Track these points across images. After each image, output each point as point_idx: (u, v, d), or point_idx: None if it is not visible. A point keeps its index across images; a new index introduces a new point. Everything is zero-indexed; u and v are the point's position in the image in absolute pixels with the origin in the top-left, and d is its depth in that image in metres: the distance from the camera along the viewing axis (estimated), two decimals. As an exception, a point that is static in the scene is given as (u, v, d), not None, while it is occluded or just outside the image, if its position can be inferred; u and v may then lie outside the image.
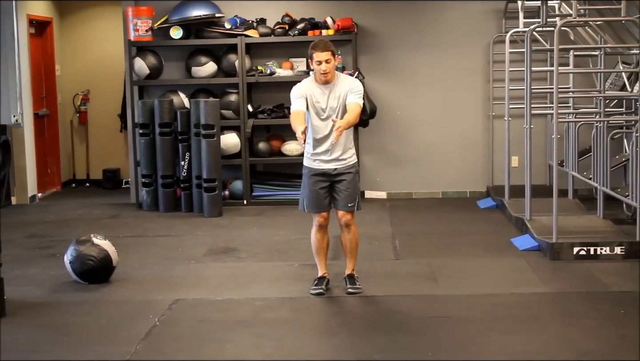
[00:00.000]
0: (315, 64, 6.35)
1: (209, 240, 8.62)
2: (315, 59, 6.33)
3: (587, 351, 5.25)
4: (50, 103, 12.28)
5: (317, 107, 6.40)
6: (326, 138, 6.41)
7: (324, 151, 6.45)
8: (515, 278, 7.02)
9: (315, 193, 6.51)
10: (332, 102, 6.39)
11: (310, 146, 6.50)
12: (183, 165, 10.24)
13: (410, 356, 5.21)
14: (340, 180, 6.49)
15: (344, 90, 6.41)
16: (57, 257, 7.70)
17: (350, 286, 6.56)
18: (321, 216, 6.56)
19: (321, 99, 6.40)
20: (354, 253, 6.67)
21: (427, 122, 10.97)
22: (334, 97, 6.39)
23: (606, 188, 8.27)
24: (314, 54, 6.34)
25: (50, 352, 5.42)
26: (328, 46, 6.36)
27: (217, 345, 5.50)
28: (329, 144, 6.39)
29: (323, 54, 6.31)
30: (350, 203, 6.51)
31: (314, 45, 6.39)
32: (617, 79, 9.41)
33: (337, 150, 6.44)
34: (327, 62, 6.32)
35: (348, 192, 6.49)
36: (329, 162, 6.46)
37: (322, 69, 6.32)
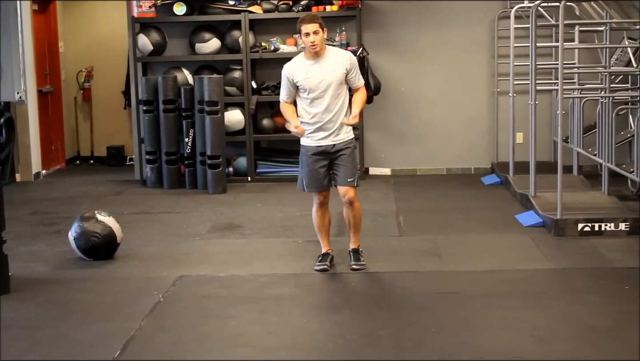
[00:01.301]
0: (304, 37, 6.29)
1: (213, 217, 8.62)
2: (304, 32, 6.27)
3: (591, 327, 5.25)
4: (53, 80, 12.26)
5: (309, 83, 6.33)
6: (323, 114, 6.36)
7: (321, 126, 6.39)
8: (519, 254, 7.02)
9: (314, 172, 6.46)
10: (326, 76, 6.32)
11: (307, 124, 6.44)
12: (187, 142, 10.23)
13: (414, 332, 5.21)
14: (339, 155, 6.44)
15: (338, 63, 6.36)
16: (62, 234, 7.72)
17: (355, 262, 6.55)
18: (321, 194, 6.53)
19: (313, 75, 6.33)
20: (358, 228, 6.64)
21: (431, 98, 10.94)
22: (327, 71, 6.33)
23: (611, 164, 8.25)
24: (302, 27, 6.27)
25: (55, 328, 5.43)
26: (315, 18, 6.30)
27: (221, 321, 5.51)
28: (326, 120, 6.36)
29: (310, 25, 6.24)
30: (350, 178, 6.45)
31: (301, 19, 6.34)
32: (623, 54, 9.37)
33: (334, 125, 6.38)
34: (315, 33, 6.24)
35: (347, 167, 6.44)
36: (327, 138, 6.41)
37: (311, 40, 6.25)
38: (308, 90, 6.35)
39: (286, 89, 6.48)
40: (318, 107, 6.36)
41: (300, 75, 6.35)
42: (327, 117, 6.35)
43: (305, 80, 6.34)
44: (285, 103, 6.53)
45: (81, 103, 13.02)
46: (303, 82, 6.35)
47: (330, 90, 6.33)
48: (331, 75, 6.34)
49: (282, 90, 6.53)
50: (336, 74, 6.35)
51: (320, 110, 6.36)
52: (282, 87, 6.51)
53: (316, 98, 6.35)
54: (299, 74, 6.36)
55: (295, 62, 6.47)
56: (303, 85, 6.35)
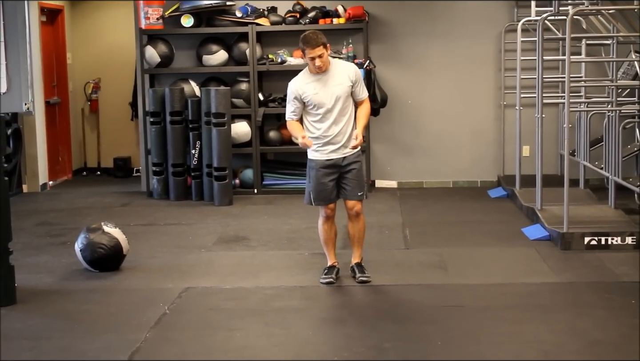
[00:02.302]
0: (309, 60, 6.27)
1: (219, 229, 8.63)
2: (308, 56, 6.24)
3: (597, 341, 5.24)
4: (61, 91, 12.30)
5: (318, 99, 6.31)
6: (331, 128, 6.34)
7: (330, 140, 6.37)
8: (525, 267, 7.01)
9: (323, 185, 6.44)
10: (334, 90, 6.32)
11: (316, 138, 6.41)
12: (194, 153, 10.25)
13: (420, 346, 5.20)
14: (349, 170, 6.44)
15: (344, 76, 6.36)
16: (68, 245, 7.73)
17: (361, 274, 6.52)
18: (328, 208, 6.52)
19: (321, 90, 6.31)
20: (361, 241, 6.65)
21: (438, 111, 10.94)
22: (334, 85, 6.33)
23: (618, 178, 8.24)
24: (306, 51, 6.23)
25: (61, 339, 5.44)
26: (318, 41, 6.22)
27: (226, 334, 5.51)
28: (335, 133, 6.34)
29: (315, 50, 6.21)
30: (359, 192, 6.48)
31: (305, 40, 6.24)
32: (630, 68, 9.37)
33: (343, 137, 6.37)
34: (320, 57, 6.23)
35: (357, 181, 6.46)
36: (337, 152, 6.40)
37: (317, 64, 6.24)
38: (317, 105, 6.32)
39: (293, 106, 6.43)
40: (326, 121, 6.34)
41: (309, 91, 6.32)
42: (336, 131, 6.35)
43: (314, 95, 6.31)
44: (289, 122, 6.49)
45: (88, 114, 13.06)
46: (312, 98, 6.31)
47: (338, 104, 6.32)
48: (338, 89, 6.33)
49: (289, 107, 6.46)
50: (343, 88, 6.34)
51: (328, 124, 6.34)
52: (289, 105, 6.45)
53: (325, 113, 6.33)
54: (307, 90, 6.33)
55: (301, 78, 6.42)
56: (312, 100, 6.32)
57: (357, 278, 6.52)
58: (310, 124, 6.42)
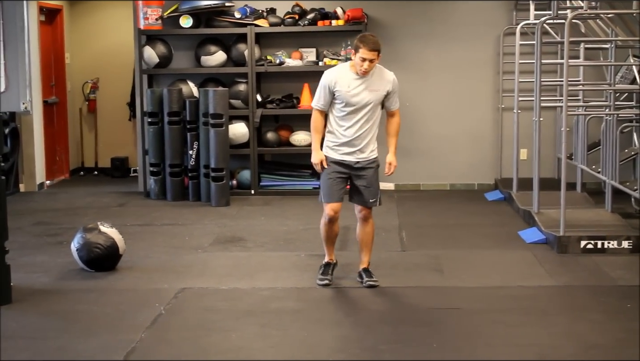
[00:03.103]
0: (359, 59, 6.12)
1: (216, 229, 8.62)
2: (361, 56, 6.10)
3: (593, 345, 5.24)
4: (59, 91, 12.30)
5: (349, 97, 6.21)
6: (353, 129, 6.27)
7: (348, 142, 6.30)
8: (522, 270, 7.01)
9: (332, 181, 6.35)
10: (369, 95, 6.23)
11: (334, 135, 6.36)
12: (191, 154, 10.24)
13: (416, 348, 5.20)
14: (362, 175, 6.37)
15: (384, 84, 6.28)
16: (64, 245, 7.71)
17: (369, 278, 6.47)
18: (332, 209, 6.37)
19: (356, 90, 6.21)
20: (370, 246, 6.58)
21: (436, 114, 10.95)
22: (372, 90, 6.24)
23: (615, 182, 8.24)
24: (361, 50, 6.09)
25: (56, 339, 5.43)
26: (377, 46, 6.12)
27: (222, 334, 5.50)
28: (355, 134, 6.27)
29: (370, 53, 6.08)
30: (372, 199, 6.42)
31: (364, 40, 6.13)
32: (628, 72, 9.38)
33: (361, 142, 6.31)
34: (371, 61, 6.13)
35: (371, 189, 6.40)
36: (352, 154, 6.33)
37: (365, 67, 6.13)
38: (346, 103, 6.23)
39: (323, 96, 6.31)
40: (350, 121, 6.26)
41: (343, 86, 6.22)
42: (357, 134, 6.28)
43: (347, 93, 6.21)
44: (318, 112, 6.36)
45: (86, 114, 13.05)
46: (344, 95, 6.22)
47: (367, 108, 6.25)
48: (373, 95, 6.25)
49: (318, 97, 6.35)
50: (378, 95, 6.27)
51: (350, 124, 6.27)
52: (319, 94, 6.34)
53: (351, 113, 6.25)
54: (341, 85, 6.22)
55: (339, 71, 6.32)
56: (342, 97, 6.22)
57: (365, 282, 6.47)
58: (334, 119, 6.33)
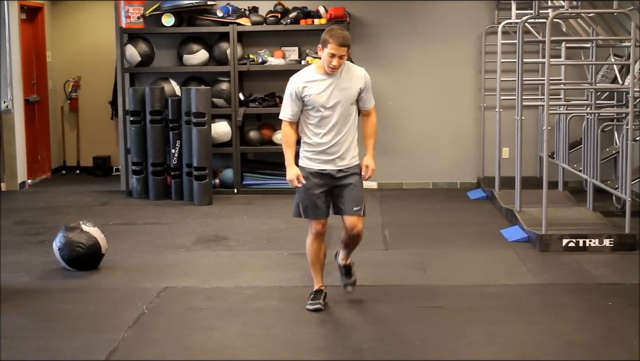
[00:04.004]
0: (327, 55, 5.60)
1: (198, 228, 8.61)
2: (329, 51, 5.58)
3: (575, 343, 5.26)
4: (40, 89, 12.24)
5: (319, 101, 5.69)
6: (329, 135, 5.75)
7: (326, 150, 5.79)
8: (504, 269, 7.04)
9: (313, 196, 5.80)
10: (340, 95, 5.72)
11: (310, 145, 5.83)
12: (174, 153, 10.22)
13: (398, 346, 5.21)
14: (344, 183, 5.83)
15: (355, 81, 5.77)
16: (46, 244, 7.68)
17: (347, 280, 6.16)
18: (319, 223, 5.87)
19: (325, 91, 5.70)
20: (354, 249, 6.11)
21: (418, 112, 10.96)
22: (342, 88, 5.72)
23: (596, 180, 8.29)
24: (330, 45, 5.57)
25: (38, 339, 5.41)
26: (347, 41, 5.60)
27: (205, 333, 5.50)
28: (332, 140, 5.76)
29: (340, 48, 5.57)
30: (355, 206, 5.84)
31: (333, 34, 5.59)
32: (609, 71, 9.42)
33: (340, 148, 5.81)
34: (340, 57, 5.61)
35: (353, 193, 5.84)
36: (332, 162, 5.80)
37: (334, 63, 5.61)
38: (317, 107, 5.71)
39: (291, 105, 5.77)
40: (325, 127, 5.75)
41: (312, 89, 5.70)
42: (334, 140, 5.77)
43: (317, 96, 5.69)
44: (288, 124, 5.81)
45: (68, 113, 13.00)
46: (314, 99, 5.69)
47: (340, 110, 5.74)
48: (345, 93, 5.75)
49: (286, 107, 5.81)
50: (349, 93, 5.76)
51: (326, 130, 5.75)
52: (286, 104, 5.80)
53: (325, 118, 5.73)
54: (310, 89, 5.71)
55: (305, 75, 5.78)
56: (313, 101, 5.70)
57: (344, 285, 6.19)
58: (307, 128, 5.82)
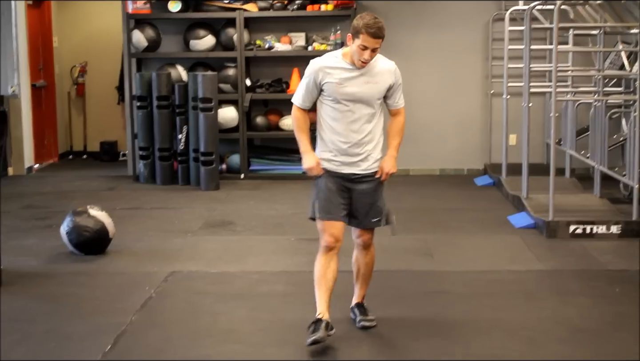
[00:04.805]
0: (358, 47, 4.83)
1: (205, 213, 8.62)
2: (361, 42, 4.82)
3: (581, 329, 5.27)
4: (47, 75, 12.24)
5: (341, 92, 4.94)
6: (350, 133, 4.98)
7: (346, 149, 5.00)
8: (510, 255, 7.04)
9: (332, 194, 5.02)
10: (366, 89, 4.96)
11: (325, 144, 5.05)
12: (180, 138, 10.23)
13: (404, 332, 5.22)
14: (363, 189, 5.08)
15: (384, 77, 5.04)
16: (54, 228, 7.69)
17: (363, 317, 5.30)
18: (332, 233, 5.00)
19: (349, 82, 4.93)
20: (368, 279, 5.36)
21: (425, 99, 10.94)
22: (370, 83, 4.97)
23: (603, 167, 8.27)
24: (362, 36, 4.80)
25: (46, 322, 5.43)
26: (382, 32, 4.82)
27: (211, 317, 5.51)
28: (353, 142, 4.99)
29: (374, 40, 4.81)
30: (375, 218, 5.13)
31: (367, 23, 4.81)
32: (617, 58, 9.40)
33: (363, 148, 5.04)
34: (373, 51, 4.86)
35: (374, 206, 5.12)
36: (352, 166, 5.03)
37: (365, 57, 4.86)
38: (337, 99, 4.95)
39: (306, 90, 5.02)
40: (345, 123, 4.98)
41: (334, 77, 4.94)
42: (355, 139, 4.99)
43: (338, 86, 4.92)
44: (300, 110, 5.07)
45: (75, 98, 13.00)
46: (334, 89, 4.93)
47: (364, 105, 4.99)
48: (372, 88, 4.99)
49: (300, 91, 5.06)
50: (378, 88, 5.02)
51: (346, 127, 4.98)
52: (301, 88, 5.05)
53: (346, 112, 4.96)
54: (331, 76, 4.94)
55: (328, 60, 5.01)
56: (333, 91, 4.94)
57: (358, 321, 5.29)
58: (325, 122, 5.04)
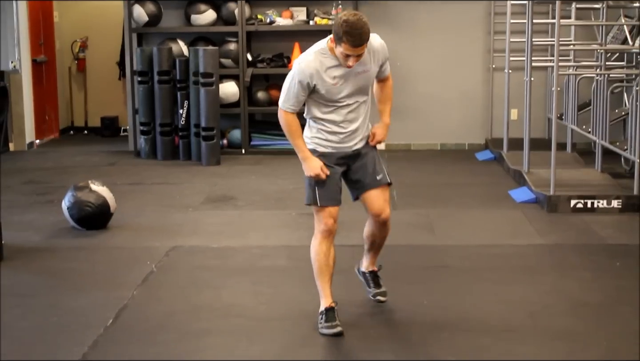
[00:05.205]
0: (341, 54, 4.56)
1: (206, 188, 8.62)
2: (344, 51, 4.53)
3: (582, 302, 5.27)
4: (48, 50, 12.20)
5: (334, 92, 4.70)
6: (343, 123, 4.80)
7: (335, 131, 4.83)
8: (511, 229, 7.04)
9: (329, 178, 4.83)
10: (357, 81, 4.73)
11: (313, 130, 4.88)
12: (181, 113, 10.21)
13: (405, 305, 5.22)
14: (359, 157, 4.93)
15: (375, 58, 4.77)
16: (55, 203, 7.70)
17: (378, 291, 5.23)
18: (331, 215, 4.87)
19: (344, 79, 4.68)
20: (380, 249, 5.25)
21: (427, 73, 10.92)
22: (364, 72, 4.73)
23: (605, 142, 8.26)
24: (345, 45, 4.50)
25: (48, 296, 5.44)
26: (365, 37, 4.53)
27: (213, 292, 5.52)
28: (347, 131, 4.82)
29: (357, 49, 4.52)
30: (379, 175, 4.92)
31: (348, 32, 4.46)
32: (619, 32, 9.36)
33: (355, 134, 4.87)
34: (358, 57, 4.58)
35: (372, 165, 4.94)
36: (344, 141, 4.85)
37: (349, 63, 4.59)
38: (332, 99, 4.74)
39: (296, 95, 4.71)
40: (337, 114, 4.79)
41: (326, 79, 4.66)
42: (351, 128, 4.84)
43: (334, 87, 4.69)
44: (290, 114, 4.77)
45: (75, 73, 12.98)
46: (329, 89, 4.70)
47: (358, 96, 4.80)
48: (363, 77, 4.75)
49: (289, 95, 4.73)
50: (369, 75, 4.79)
51: (342, 120, 4.80)
52: (290, 92, 4.71)
53: (341, 107, 4.77)
54: (322, 79, 4.66)
55: (316, 60, 4.66)
56: (328, 92, 4.71)
57: (373, 295, 5.23)
58: (315, 116, 4.84)
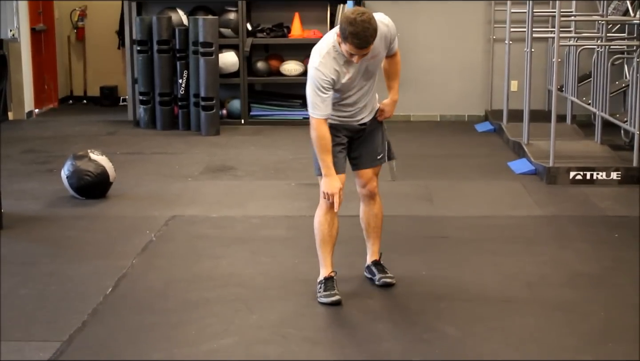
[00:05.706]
0: (347, 52, 4.54)
1: (206, 158, 8.62)
2: (349, 50, 4.51)
3: (580, 273, 5.29)
4: (47, 19, 12.15)
5: (348, 84, 4.69)
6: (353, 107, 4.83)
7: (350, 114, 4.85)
8: (510, 200, 7.05)
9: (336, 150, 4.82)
10: (372, 64, 4.75)
11: None
12: (181, 83, 10.19)
13: (404, 275, 5.23)
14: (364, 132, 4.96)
15: (383, 42, 4.76)
16: (54, 172, 7.70)
17: (383, 275, 5.12)
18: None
19: (353, 69, 4.66)
20: (379, 232, 5.21)
21: (426, 44, 10.88)
22: (374, 57, 4.72)
23: (605, 114, 8.25)
24: (349, 45, 4.48)
25: (48, 265, 5.46)
26: (371, 38, 4.49)
27: (212, 261, 5.54)
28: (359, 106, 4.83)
29: (362, 50, 4.50)
30: (379, 155, 5.03)
31: (354, 34, 4.42)
32: (620, 4, 9.32)
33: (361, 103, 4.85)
34: (363, 55, 4.57)
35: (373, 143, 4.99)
36: (352, 117, 4.87)
37: (354, 60, 4.58)
38: (344, 90, 4.73)
39: (322, 100, 4.62)
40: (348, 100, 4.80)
41: (342, 76, 4.66)
42: (360, 106, 4.86)
43: (351, 81, 4.70)
44: (323, 122, 4.65)
45: (74, 42, 12.93)
46: (344, 84, 4.70)
47: (371, 80, 4.85)
48: (372, 64, 4.76)
49: (318, 102, 4.62)
50: (377, 60, 4.80)
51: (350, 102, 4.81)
52: (317, 99, 4.61)
53: (351, 95, 4.79)
54: (341, 77, 4.66)
55: (331, 62, 4.60)
56: (342, 86, 4.70)
57: (379, 279, 5.11)
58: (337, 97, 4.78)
